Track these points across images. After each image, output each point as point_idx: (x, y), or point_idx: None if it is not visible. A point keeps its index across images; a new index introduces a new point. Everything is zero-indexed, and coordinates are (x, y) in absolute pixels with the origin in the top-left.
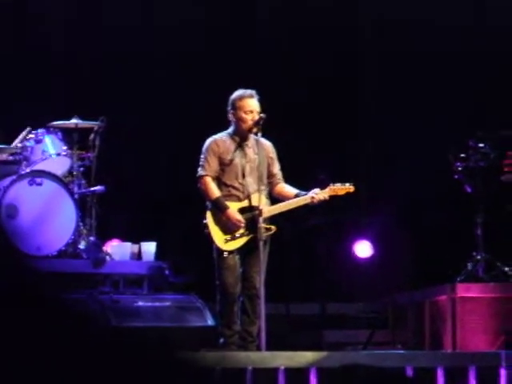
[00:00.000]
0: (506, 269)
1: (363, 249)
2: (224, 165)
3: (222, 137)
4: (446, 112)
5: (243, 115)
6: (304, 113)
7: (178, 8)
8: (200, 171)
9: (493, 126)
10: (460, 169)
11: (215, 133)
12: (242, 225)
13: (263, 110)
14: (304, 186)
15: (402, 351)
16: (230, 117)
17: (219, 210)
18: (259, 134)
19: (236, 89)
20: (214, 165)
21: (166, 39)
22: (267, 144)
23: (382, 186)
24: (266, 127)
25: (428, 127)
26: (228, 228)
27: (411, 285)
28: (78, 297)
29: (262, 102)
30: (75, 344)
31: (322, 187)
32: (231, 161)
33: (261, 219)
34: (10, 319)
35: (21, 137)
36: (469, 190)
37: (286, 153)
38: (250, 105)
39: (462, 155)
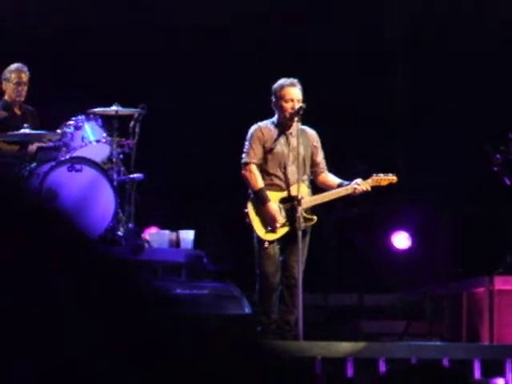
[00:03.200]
0: None
1: (401, 240)
2: (267, 153)
3: (267, 124)
4: (486, 102)
5: (283, 104)
6: (344, 103)
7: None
8: (244, 158)
9: None
10: (500, 161)
11: (256, 120)
12: (278, 225)
13: (305, 99)
14: (345, 175)
15: (438, 343)
16: (273, 106)
17: (260, 201)
18: (299, 123)
19: (278, 77)
20: (258, 152)
21: (206, 29)
22: (311, 132)
23: (421, 176)
24: (308, 117)
25: (469, 117)
26: (267, 221)
27: (449, 276)
28: None
29: (304, 91)
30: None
31: (364, 177)
32: (274, 149)
33: (300, 209)
34: None
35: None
36: (508, 182)
37: (328, 142)
38: (291, 93)
39: (502, 147)
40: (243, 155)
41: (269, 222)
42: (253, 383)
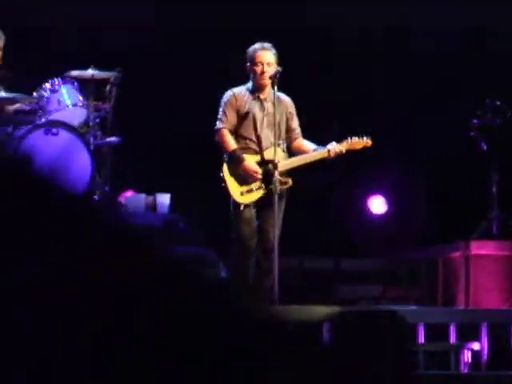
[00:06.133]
0: None
1: (378, 204)
2: (241, 117)
3: (241, 90)
4: (462, 67)
5: (254, 67)
6: (317, 69)
7: None
8: (218, 124)
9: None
10: (476, 126)
11: (232, 85)
12: (259, 176)
13: (280, 64)
14: (320, 138)
15: (414, 307)
16: (247, 70)
17: (236, 162)
18: (275, 88)
19: (253, 42)
20: (231, 118)
21: None
22: (286, 99)
23: (397, 141)
24: (284, 82)
25: (444, 83)
26: (244, 180)
27: (425, 241)
28: None
29: (279, 56)
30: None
31: (339, 141)
32: (249, 114)
33: (276, 172)
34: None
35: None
36: (484, 147)
37: (304, 104)
38: (260, 56)
39: (478, 112)
40: (217, 121)
41: (249, 180)
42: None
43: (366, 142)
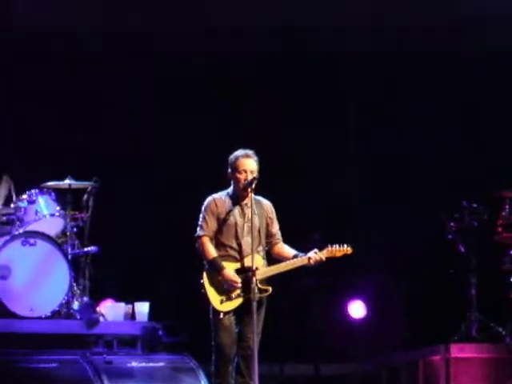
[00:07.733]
0: (500, 329)
1: (357, 309)
2: (222, 224)
3: (222, 196)
4: (440, 171)
5: (237, 175)
6: (297, 174)
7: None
8: (198, 231)
9: (485, 187)
10: (453, 228)
11: (208, 194)
12: (239, 285)
13: (261, 170)
14: (300, 246)
15: None
16: (228, 177)
17: (216, 270)
18: (252, 194)
19: (233, 151)
20: (212, 225)
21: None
22: (266, 204)
23: (376, 246)
24: (265, 186)
25: (421, 186)
26: (224, 288)
27: (405, 345)
28: (71, 358)
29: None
30: None
31: (319, 248)
32: (229, 220)
33: (254, 280)
34: None
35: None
36: (462, 249)
37: (282, 213)
38: (244, 164)
39: (456, 215)
40: (197, 228)
41: (228, 288)
42: None
43: (347, 249)
